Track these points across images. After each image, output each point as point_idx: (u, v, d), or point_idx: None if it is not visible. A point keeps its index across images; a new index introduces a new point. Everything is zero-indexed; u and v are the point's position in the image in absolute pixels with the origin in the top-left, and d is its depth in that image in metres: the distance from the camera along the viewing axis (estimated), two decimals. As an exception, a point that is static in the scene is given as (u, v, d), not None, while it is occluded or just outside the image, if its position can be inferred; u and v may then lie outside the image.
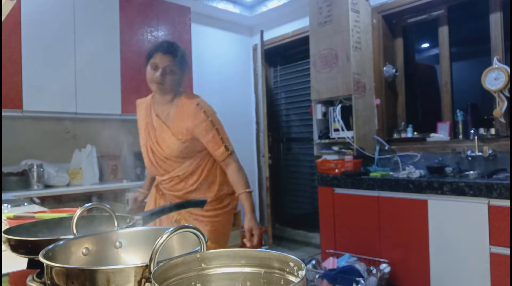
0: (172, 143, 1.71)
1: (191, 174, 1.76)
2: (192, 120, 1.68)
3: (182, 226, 0.50)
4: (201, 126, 1.67)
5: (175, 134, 1.71)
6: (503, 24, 2.85)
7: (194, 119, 1.68)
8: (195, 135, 1.69)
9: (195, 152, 1.74)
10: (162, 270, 0.47)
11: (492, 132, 2.77)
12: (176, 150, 1.71)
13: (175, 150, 1.71)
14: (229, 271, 0.51)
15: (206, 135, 1.68)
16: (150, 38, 3.66)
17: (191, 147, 1.72)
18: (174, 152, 1.72)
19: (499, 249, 2.16)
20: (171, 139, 1.72)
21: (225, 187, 1.81)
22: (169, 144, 1.72)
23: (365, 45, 3.27)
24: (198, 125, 1.68)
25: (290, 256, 0.48)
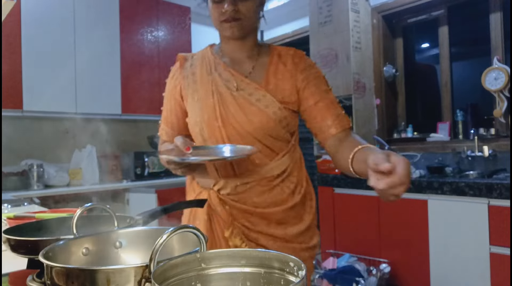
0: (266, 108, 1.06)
1: (288, 176, 1.12)
2: (303, 69, 1.11)
3: (182, 226, 0.50)
4: (314, 79, 1.10)
5: (273, 94, 1.07)
6: (503, 24, 2.85)
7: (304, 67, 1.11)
8: (301, 95, 1.10)
9: (288, 134, 1.12)
10: (162, 270, 0.47)
11: (492, 132, 2.77)
12: (270, 122, 1.06)
13: (269, 122, 1.06)
14: (229, 271, 0.51)
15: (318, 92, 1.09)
16: (150, 38, 3.67)
17: (291, 121, 1.11)
18: (266, 126, 1.06)
19: (499, 249, 2.16)
20: (266, 101, 1.07)
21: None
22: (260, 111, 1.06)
23: (365, 45, 3.27)
24: (311, 77, 1.10)
25: (290, 256, 0.48)
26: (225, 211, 1.10)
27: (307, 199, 1.17)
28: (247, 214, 1.11)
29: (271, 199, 1.11)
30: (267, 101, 1.07)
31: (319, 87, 1.10)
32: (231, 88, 1.09)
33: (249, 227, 1.11)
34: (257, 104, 1.07)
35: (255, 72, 1.12)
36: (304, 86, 1.10)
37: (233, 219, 1.11)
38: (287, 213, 1.12)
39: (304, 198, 1.15)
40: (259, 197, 1.10)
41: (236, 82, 1.10)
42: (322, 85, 1.11)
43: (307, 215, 1.16)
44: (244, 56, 1.15)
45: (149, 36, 3.66)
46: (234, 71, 1.12)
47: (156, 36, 3.71)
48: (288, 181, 1.13)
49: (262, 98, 1.07)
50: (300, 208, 1.15)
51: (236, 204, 1.11)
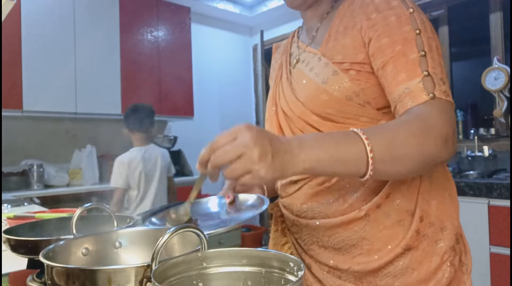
0: (319, 74, 0.76)
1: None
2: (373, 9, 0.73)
3: (183, 226, 0.50)
4: (388, 19, 0.70)
5: (327, 55, 0.77)
6: (503, 24, 2.85)
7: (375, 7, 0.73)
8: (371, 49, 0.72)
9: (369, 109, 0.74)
10: (163, 269, 0.47)
11: (492, 132, 2.77)
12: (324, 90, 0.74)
13: (323, 91, 0.75)
14: (230, 270, 0.51)
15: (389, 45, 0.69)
16: (150, 38, 3.67)
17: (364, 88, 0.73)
18: (320, 99, 0.75)
19: (499, 249, 2.16)
20: (319, 65, 0.77)
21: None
22: (313, 80, 0.77)
23: (365, 45, 3.27)
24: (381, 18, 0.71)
25: (290, 256, 0.48)
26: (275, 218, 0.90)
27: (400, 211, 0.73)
28: (295, 226, 0.84)
29: (323, 208, 0.77)
30: (320, 67, 0.76)
31: (393, 37, 0.68)
32: (292, 64, 0.86)
33: (302, 246, 0.83)
34: (310, 75, 0.78)
35: (319, 34, 0.83)
36: (370, 37, 0.71)
37: (286, 230, 0.88)
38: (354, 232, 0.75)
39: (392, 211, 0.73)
40: (306, 203, 0.80)
41: (298, 55, 0.85)
42: (400, 33, 0.68)
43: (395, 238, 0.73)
44: (316, 20, 0.86)
45: (149, 36, 3.66)
46: (301, 42, 0.88)
47: (156, 36, 3.70)
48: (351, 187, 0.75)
49: (316, 65, 0.77)
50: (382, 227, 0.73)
51: (284, 210, 0.87)
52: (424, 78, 0.65)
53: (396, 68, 0.67)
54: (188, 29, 3.94)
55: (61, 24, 3.14)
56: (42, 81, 3.01)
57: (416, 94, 0.65)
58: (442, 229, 0.75)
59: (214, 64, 4.40)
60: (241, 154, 0.53)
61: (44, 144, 3.29)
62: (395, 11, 0.70)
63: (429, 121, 0.62)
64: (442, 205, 0.75)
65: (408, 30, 0.68)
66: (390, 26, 0.70)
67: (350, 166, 0.58)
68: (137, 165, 2.37)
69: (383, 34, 0.70)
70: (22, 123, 3.21)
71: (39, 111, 3.03)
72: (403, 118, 0.64)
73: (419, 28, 0.68)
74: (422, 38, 0.68)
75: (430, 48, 0.67)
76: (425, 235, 0.73)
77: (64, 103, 3.13)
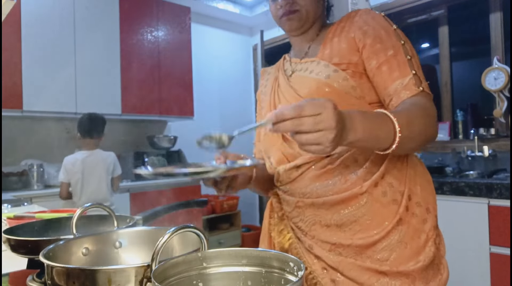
0: (320, 74, 0.88)
1: (356, 160, 0.85)
2: (364, 24, 0.88)
3: (183, 226, 0.50)
4: (379, 32, 0.86)
5: (326, 59, 0.90)
6: (503, 24, 2.85)
7: (367, 22, 0.88)
8: (365, 53, 0.86)
9: (364, 102, 0.87)
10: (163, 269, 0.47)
11: (492, 132, 2.77)
12: (323, 88, 0.87)
13: (322, 88, 0.87)
14: (230, 270, 0.51)
15: (382, 51, 0.84)
16: (150, 38, 3.67)
17: (359, 84, 0.87)
18: (329, 94, 0.85)
19: (499, 249, 2.16)
20: (319, 66, 0.90)
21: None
22: (314, 79, 0.89)
23: (365, 45, 3.27)
24: (373, 31, 0.86)
25: (290, 256, 0.48)
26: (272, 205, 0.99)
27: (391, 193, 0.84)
28: (297, 209, 0.91)
29: (327, 189, 0.86)
30: (320, 67, 0.89)
31: (384, 44, 0.84)
32: (288, 75, 0.99)
33: (303, 228, 0.90)
34: (310, 76, 0.91)
35: (312, 49, 0.97)
36: (364, 43, 0.87)
37: (285, 216, 0.95)
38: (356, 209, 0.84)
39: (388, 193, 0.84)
40: (310, 186, 0.88)
41: (292, 68, 0.99)
42: (389, 42, 0.85)
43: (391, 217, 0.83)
44: (306, 41, 1.01)
45: (149, 36, 3.66)
46: (293, 58, 1.01)
47: (156, 36, 3.70)
48: (351, 170, 0.84)
49: (315, 68, 0.91)
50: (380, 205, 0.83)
51: (284, 195, 0.94)
52: (414, 76, 0.82)
53: (391, 68, 0.83)
54: (188, 29, 3.94)
55: (61, 24, 3.14)
56: (42, 81, 3.01)
57: (410, 87, 0.81)
58: (427, 210, 0.87)
59: (214, 64, 4.40)
60: (321, 130, 0.60)
61: (44, 144, 3.29)
62: (383, 26, 0.88)
63: (427, 108, 0.79)
64: (425, 191, 0.88)
65: (395, 40, 0.86)
66: (380, 36, 0.86)
67: (382, 142, 0.70)
68: (79, 167, 2.73)
69: (375, 41, 0.86)
70: (22, 123, 3.21)
71: (39, 111, 3.03)
72: (407, 105, 0.78)
73: (403, 39, 0.86)
74: (407, 47, 0.85)
75: (413, 55, 0.85)
76: (414, 213, 0.84)
77: (64, 103, 3.13)
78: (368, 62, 0.86)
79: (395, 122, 0.69)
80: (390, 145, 0.70)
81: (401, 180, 0.86)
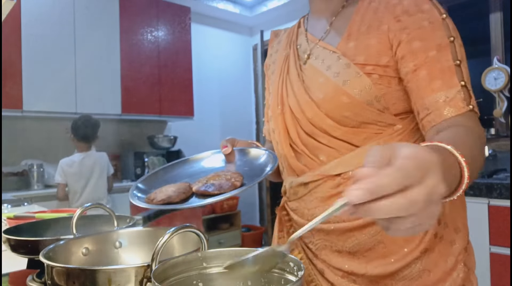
0: (339, 75, 0.71)
1: None
2: (402, 11, 0.69)
3: (183, 226, 0.50)
4: (421, 24, 0.68)
5: (348, 55, 0.72)
6: (503, 24, 2.85)
7: (405, 8, 0.69)
8: (399, 52, 0.68)
9: (388, 115, 0.71)
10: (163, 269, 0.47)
11: (492, 132, 2.77)
12: (344, 93, 0.70)
13: (342, 94, 0.71)
14: (230, 271, 0.51)
15: (422, 50, 0.66)
16: (150, 38, 3.67)
17: (385, 93, 0.70)
18: (337, 102, 0.71)
19: (499, 249, 2.16)
20: (339, 65, 0.72)
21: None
22: (331, 81, 0.72)
23: (365, 45, 3.27)
24: (412, 21, 0.68)
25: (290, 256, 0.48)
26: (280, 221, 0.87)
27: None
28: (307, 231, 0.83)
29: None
30: (340, 66, 0.71)
31: (427, 42, 0.66)
32: (303, 59, 0.80)
33: (313, 251, 0.80)
34: (327, 73, 0.72)
35: (334, 29, 0.77)
36: (400, 39, 0.68)
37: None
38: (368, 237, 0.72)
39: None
40: (319, 207, 0.75)
41: (309, 49, 0.79)
42: (433, 38, 0.66)
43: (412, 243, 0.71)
44: (329, 14, 0.80)
45: (149, 36, 3.66)
46: (310, 35, 0.82)
47: (156, 36, 3.70)
48: None
49: (334, 64, 0.72)
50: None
51: (293, 214, 0.82)
52: (462, 88, 0.64)
53: (431, 74, 0.65)
54: (188, 29, 3.94)
55: (61, 24, 3.14)
56: (42, 81, 3.01)
57: (456, 104, 0.63)
58: (456, 230, 0.75)
59: (214, 64, 4.40)
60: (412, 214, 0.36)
61: (44, 144, 3.29)
62: (428, 15, 0.68)
63: (481, 136, 0.62)
64: (453, 205, 0.74)
65: (442, 36, 0.66)
66: (422, 30, 0.67)
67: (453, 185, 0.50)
68: (76, 168, 2.78)
69: (416, 38, 0.67)
70: (22, 123, 3.21)
71: (39, 111, 3.03)
72: (462, 133, 0.60)
73: (453, 35, 0.66)
74: (456, 46, 0.66)
75: (463, 58, 0.66)
76: (441, 237, 0.72)
77: (64, 103, 3.13)
78: (404, 64, 0.68)
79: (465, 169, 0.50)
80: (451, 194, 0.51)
81: None
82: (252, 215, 4.58)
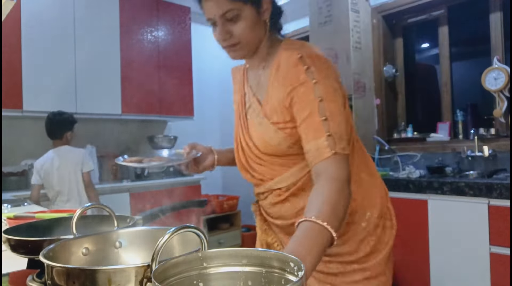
0: (265, 131, 1.00)
1: (303, 189, 1.01)
2: (289, 84, 0.94)
3: (183, 226, 0.49)
4: (299, 92, 0.92)
5: (268, 115, 0.99)
6: (503, 24, 2.85)
7: (291, 81, 0.93)
8: (293, 110, 0.95)
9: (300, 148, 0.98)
10: (163, 269, 0.47)
11: (492, 132, 2.77)
12: (270, 144, 1.00)
13: (269, 144, 1.00)
14: (230, 270, 0.51)
15: (300, 111, 0.91)
16: (150, 38, 3.67)
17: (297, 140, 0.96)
18: (268, 147, 1.01)
19: (499, 249, 2.16)
20: (264, 124, 1.00)
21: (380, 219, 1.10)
22: (261, 133, 1.01)
23: (365, 45, 3.27)
24: (294, 91, 0.92)
25: (290, 256, 0.48)
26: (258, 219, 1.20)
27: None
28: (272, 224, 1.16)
29: (282, 213, 1.07)
30: (265, 126, 1.00)
31: (303, 105, 0.90)
32: (245, 108, 1.10)
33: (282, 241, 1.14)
34: (259, 128, 1.03)
35: (260, 87, 1.05)
36: (291, 103, 0.93)
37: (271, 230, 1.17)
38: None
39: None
40: (271, 208, 1.10)
41: (249, 102, 1.09)
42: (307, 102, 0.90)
43: None
44: (257, 69, 1.07)
45: (149, 36, 3.66)
46: (248, 87, 1.11)
47: (156, 36, 3.70)
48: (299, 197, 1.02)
49: (261, 122, 1.02)
50: None
51: (263, 212, 1.17)
52: (328, 137, 0.86)
53: (307, 128, 0.89)
54: (188, 29, 3.94)
55: (61, 24, 3.13)
56: (42, 81, 3.01)
57: (322, 151, 0.86)
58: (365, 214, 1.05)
59: (214, 64, 4.39)
60: None
61: (44, 144, 3.29)
62: (303, 85, 0.91)
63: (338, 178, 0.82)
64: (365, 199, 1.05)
65: (312, 99, 0.89)
66: (300, 96, 0.91)
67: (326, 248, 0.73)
68: (48, 166, 2.74)
69: (297, 102, 0.92)
70: (22, 123, 3.21)
71: (39, 111, 3.03)
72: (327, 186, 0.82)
73: (321, 96, 0.88)
74: (324, 104, 0.88)
75: (331, 113, 0.88)
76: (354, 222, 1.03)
77: (64, 103, 3.13)
78: (295, 120, 0.94)
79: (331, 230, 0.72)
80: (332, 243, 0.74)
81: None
82: (252, 215, 4.56)
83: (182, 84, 3.84)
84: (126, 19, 3.48)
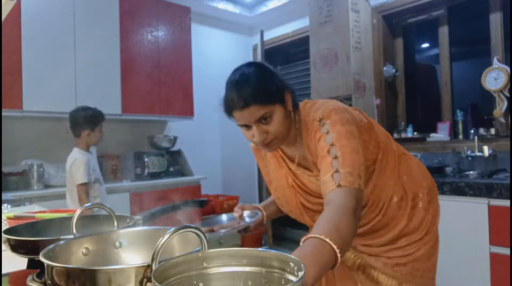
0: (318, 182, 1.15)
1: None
2: (313, 144, 1.12)
3: (183, 226, 0.49)
4: (317, 145, 1.08)
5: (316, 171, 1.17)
6: (503, 24, 2.85)
7: (314, 142, 1.11)
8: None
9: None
10: (163, 269, 0.47)
11: (492, 132, 2.77)
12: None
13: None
14: (230, 270, 0.51)
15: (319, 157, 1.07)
16: (150, 38, 3.66)
17: None
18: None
19: (499, 249, 2.16)
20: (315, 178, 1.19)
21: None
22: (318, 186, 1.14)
23: (365, 45, 3.27)
24: (315, 140, 1.09)
25: (290, 256, 0.48)
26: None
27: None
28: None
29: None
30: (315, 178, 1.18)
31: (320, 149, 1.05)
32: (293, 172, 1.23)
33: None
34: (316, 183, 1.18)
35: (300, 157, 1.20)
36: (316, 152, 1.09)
37: None
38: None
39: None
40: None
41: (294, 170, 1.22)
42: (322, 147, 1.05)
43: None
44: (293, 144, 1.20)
45: (149, 36, 3.66)
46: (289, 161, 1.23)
47: (156, 36, 3.70)
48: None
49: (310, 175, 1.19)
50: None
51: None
52: (334, 173, 0.97)
53: (321, 164, 1.02)
54: (188, 29, 3.93)
55: (61, 24, 3.13)
56: (42, 81, 3.01)
57: (328, 185, 0.96)
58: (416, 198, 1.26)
59: (214, 64, 4.39)
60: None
61: (44, 144, 3.29)
62: (317, 135, 1.06)
63: (343, 206, 0.89)
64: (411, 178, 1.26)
65: (325, 146, 1.03)
66: (319, 145, 1.05)
67: (330, 265, 0.75)
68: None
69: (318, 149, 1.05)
70: (22, 123, 3.21)
71: (39, 111, 3.03)
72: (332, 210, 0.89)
73: (332, 142, 1.02)
74: (336, 147, 1.01)
75: (342, 153, 0.99)
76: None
77: (64, 103, 3.12)
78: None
79: (335, 248, 0.75)
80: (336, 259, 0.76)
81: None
82: (252, 215, 4.57)
83: (182, 84, 3.84)
84: (126, 19, 3.48)
